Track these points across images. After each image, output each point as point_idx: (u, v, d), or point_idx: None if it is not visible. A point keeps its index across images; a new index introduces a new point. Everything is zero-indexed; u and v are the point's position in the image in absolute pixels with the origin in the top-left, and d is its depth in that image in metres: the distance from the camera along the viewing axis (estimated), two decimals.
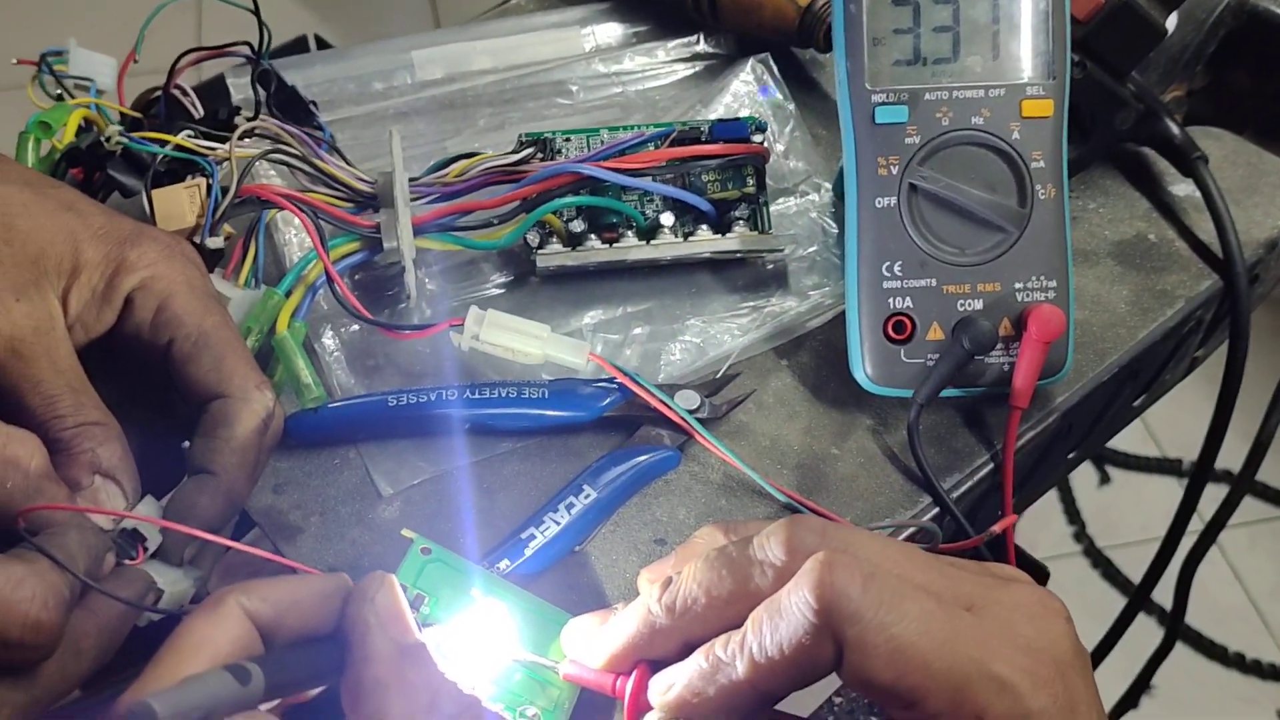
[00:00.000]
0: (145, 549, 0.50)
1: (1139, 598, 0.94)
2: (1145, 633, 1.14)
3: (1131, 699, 1.12)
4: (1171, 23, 0.72)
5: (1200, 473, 0.81)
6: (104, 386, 0.52)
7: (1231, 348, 0.71)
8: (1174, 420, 1.92)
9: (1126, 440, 1.93)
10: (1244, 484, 0.82)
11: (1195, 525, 0.88)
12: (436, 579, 0.51)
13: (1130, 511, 1.89)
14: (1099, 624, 1.05)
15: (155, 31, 0.70)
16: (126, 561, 0.49)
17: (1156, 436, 1.96)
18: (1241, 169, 0.76)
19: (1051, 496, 1.90)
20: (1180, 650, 1.75)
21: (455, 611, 0.50)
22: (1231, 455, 0.81)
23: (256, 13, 0.70)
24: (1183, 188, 0.75)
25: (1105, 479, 1.93)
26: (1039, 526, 1.88)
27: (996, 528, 0.54)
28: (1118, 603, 1.53)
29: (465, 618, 0.50)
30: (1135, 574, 1.80)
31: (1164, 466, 1.93)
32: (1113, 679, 1.11)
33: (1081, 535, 1.88)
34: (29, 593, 0.42)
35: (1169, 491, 1.91)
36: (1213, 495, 0.84)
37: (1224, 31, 0.77)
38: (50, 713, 0.46)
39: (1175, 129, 0.72)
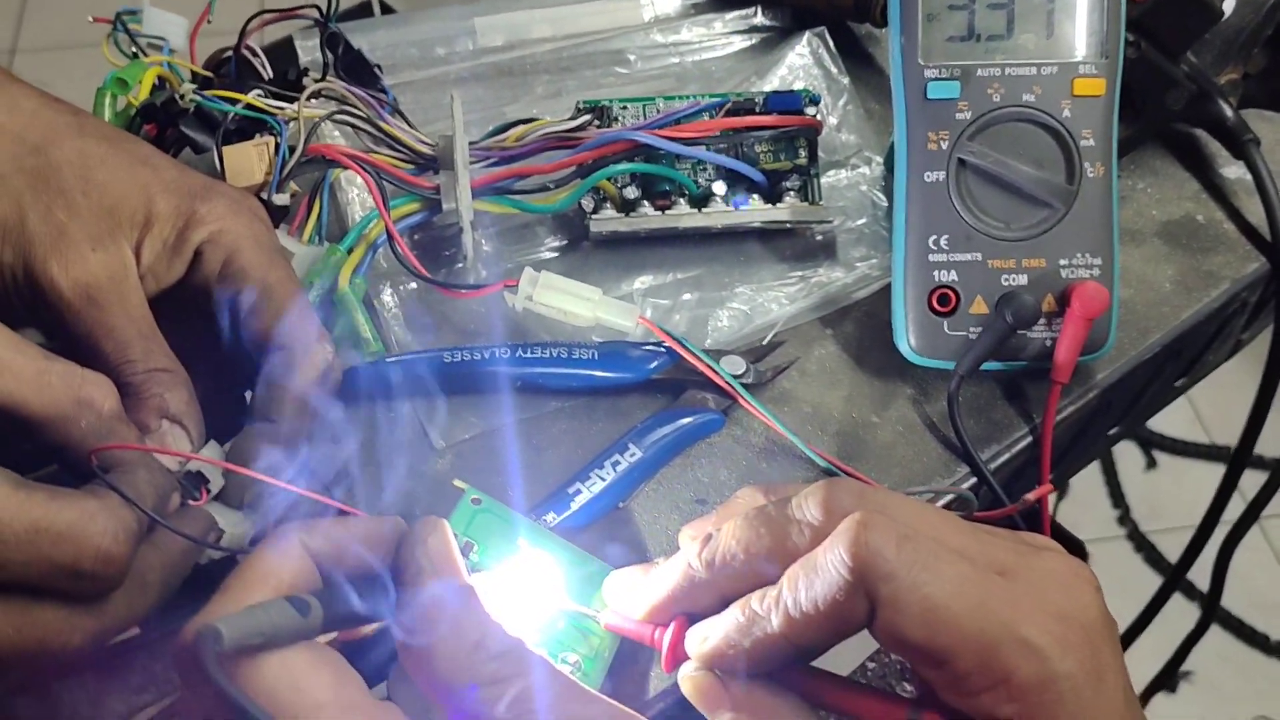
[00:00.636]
0: (208, 491, 0.52)
1: (1175, 577, 0.95)
2: (1188, 618, 1.14)
3: (1166, 679, 1.12)
4: (1229, 5, 0.72)
5: (1239, 457, 0.81)
6: (172, 335, 0.54)
7: (1276, 331, 0.71)
8: (1223, 406, 1.91)
9: (1174, 425, 1.93)
10: None
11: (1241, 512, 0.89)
12: (485, 528, 0.53)
13: (1175, 497, 1.89)
14: (1140, 607, 1.06)
15: None
16: (190, 502, 0.51)
17: (1205, 422, 1.95)
18: None
19: (1096, 479, 1.90)
20: (1223, 637, 1.74)
21: (502, 560, 0.52)
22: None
23: None
24: (1233, 170, 0.75)
25: (1152, 463, 1.93)
26: (1083, 509, 1.87)
27: (1031, 496, 0.55)
28: (1157, 581, 1.54)
29: (512, 566, 0.52)
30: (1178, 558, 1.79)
31: (1211, 453, 1.92)
32: (1151, 660, 1.12)
33: (1125, 519, 1.87)
34: (100, 526, 0.44)
35: (1215, 478, 1.89)
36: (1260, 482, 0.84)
37: None
38: (116, 642, 0.48)
39: (1228, 111, 0.72)
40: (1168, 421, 1.93)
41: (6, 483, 0.43)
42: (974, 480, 0.61)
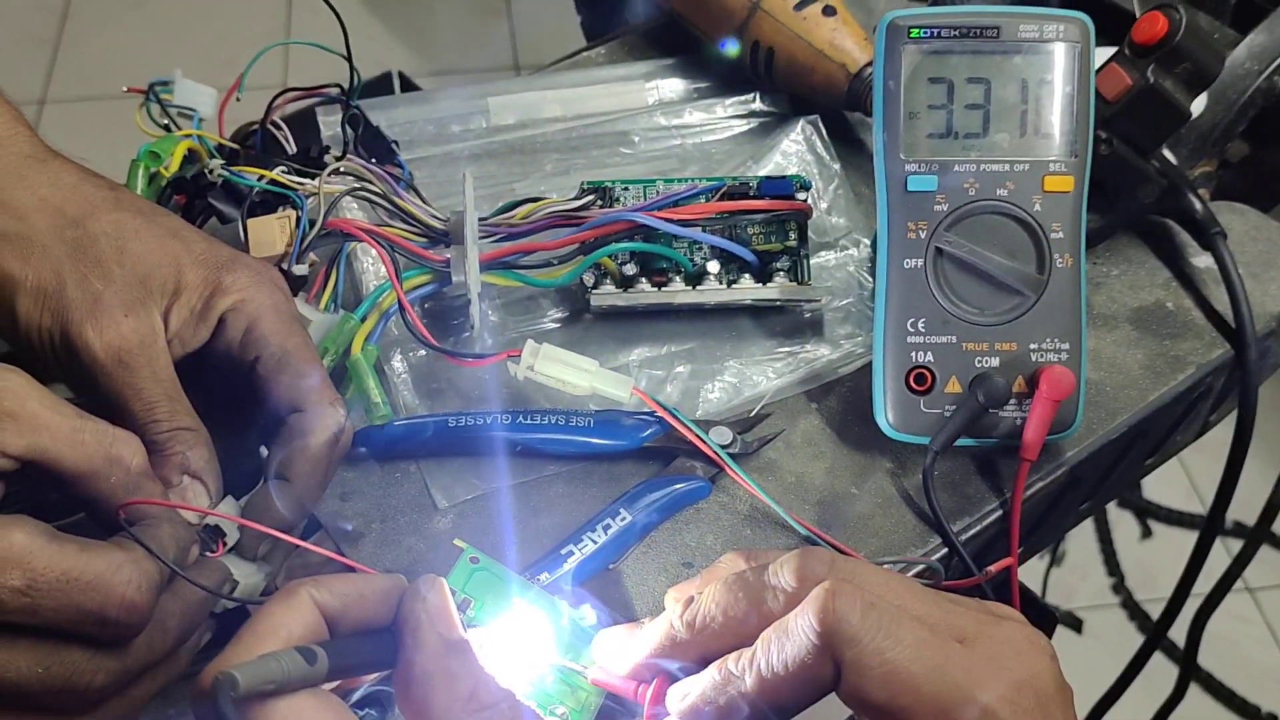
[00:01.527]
0: (225, 543, 0.56)
1: (1153, 640, 0.98)
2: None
3: None
4: (1200, 103, 0.76)
5: (1208, 531, 0.84)
6: (195, 396, 0.58)
7: (1240, 415, 0.74)
8: (1218, 478, 1.92)
9: (1170, 496, 1.94)
10: (1257, 539, 0.86)
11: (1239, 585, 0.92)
12: (483, 586, 0.56)
13: (1170, 566, 1.88)
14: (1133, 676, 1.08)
15: (245, 56, 0.76)
16: (208, 554, 0.55)
17: (1201, 493, 1.97)
18: (1262, 244, 0.80)
19: (1092, 548, 1.92)
20: (1214, 709, 1.76)
21: (498, 616, 0.55)
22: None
23: (349, 59, 0.76)
24: (1203, 259, 0.78)
25: (1147, 533, 1.94)
26: (1078, 576, 1.89)
27: (994, 568, 0.58)
28: (1156, 655, 1.55)
29: (506, 622, 0.55)
30: (1173, 628, 1.81)
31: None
32: None
33: (1120, 587, 1.89)
34: (126, 577, 0.48)
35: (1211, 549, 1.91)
36: (1266, 558, 0.87)
37: (1254, 112, 0.81)
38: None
39: (1197, 204, 0.76)
40: (1163, 492, 1.95)
41: (41, 535, 0.47)
42: (946, 551, 0.64)
